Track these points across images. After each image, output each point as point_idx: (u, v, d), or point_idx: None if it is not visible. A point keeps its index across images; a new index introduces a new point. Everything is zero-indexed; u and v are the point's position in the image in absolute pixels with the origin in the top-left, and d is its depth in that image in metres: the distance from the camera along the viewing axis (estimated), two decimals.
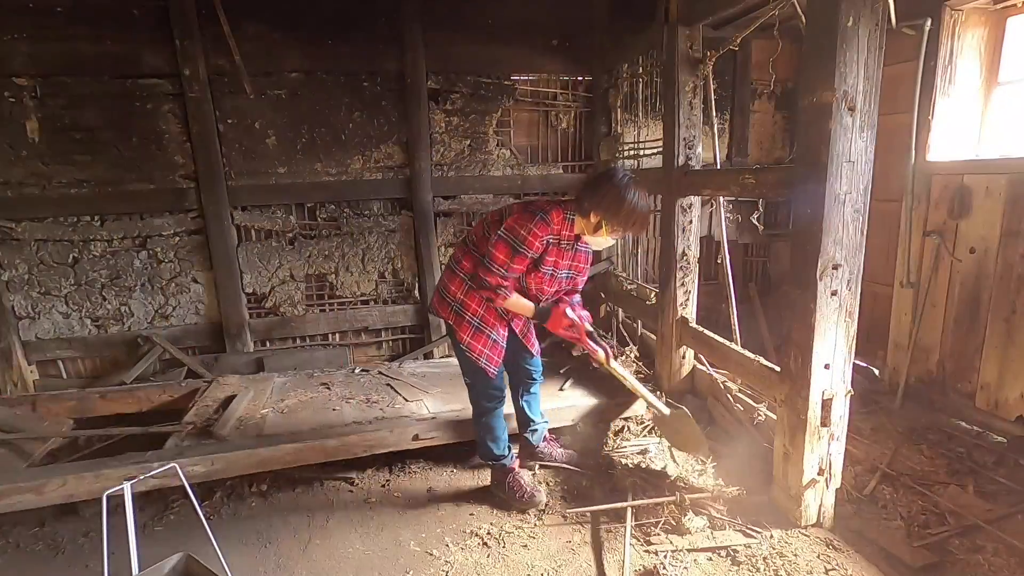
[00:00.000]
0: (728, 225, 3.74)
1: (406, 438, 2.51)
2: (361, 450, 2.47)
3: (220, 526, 2.27)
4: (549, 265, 2.09)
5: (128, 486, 1.66)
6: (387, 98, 3.54)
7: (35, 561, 2.14)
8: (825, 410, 1.96)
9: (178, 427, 2.59)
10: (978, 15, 2.73)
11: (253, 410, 2.78)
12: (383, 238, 3.70)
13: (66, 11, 3.03)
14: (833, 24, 1.69)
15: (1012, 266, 2.55)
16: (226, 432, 2.52)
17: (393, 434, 2.50)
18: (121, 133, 3.21)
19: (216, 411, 2.78)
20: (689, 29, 2.66)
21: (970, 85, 2.81)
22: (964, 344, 2.79)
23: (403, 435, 2.51)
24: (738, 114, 3.98)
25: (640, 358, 3.42)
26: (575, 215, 2.06)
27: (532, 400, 2.53)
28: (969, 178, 2.70)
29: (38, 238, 3.22)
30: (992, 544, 1.95)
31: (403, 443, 2.51)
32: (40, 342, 3.33)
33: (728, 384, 2.78)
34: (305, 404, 2.88)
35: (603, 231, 2.07)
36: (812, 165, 1.84)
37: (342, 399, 2.92)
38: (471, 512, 2.32)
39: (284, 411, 2.79)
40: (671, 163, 2.82)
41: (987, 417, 2.68)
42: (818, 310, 1.88)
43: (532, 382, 2.49)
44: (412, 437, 2.51)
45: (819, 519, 2.06)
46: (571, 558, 2.03)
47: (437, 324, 3.80)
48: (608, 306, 3.98)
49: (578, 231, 2.12)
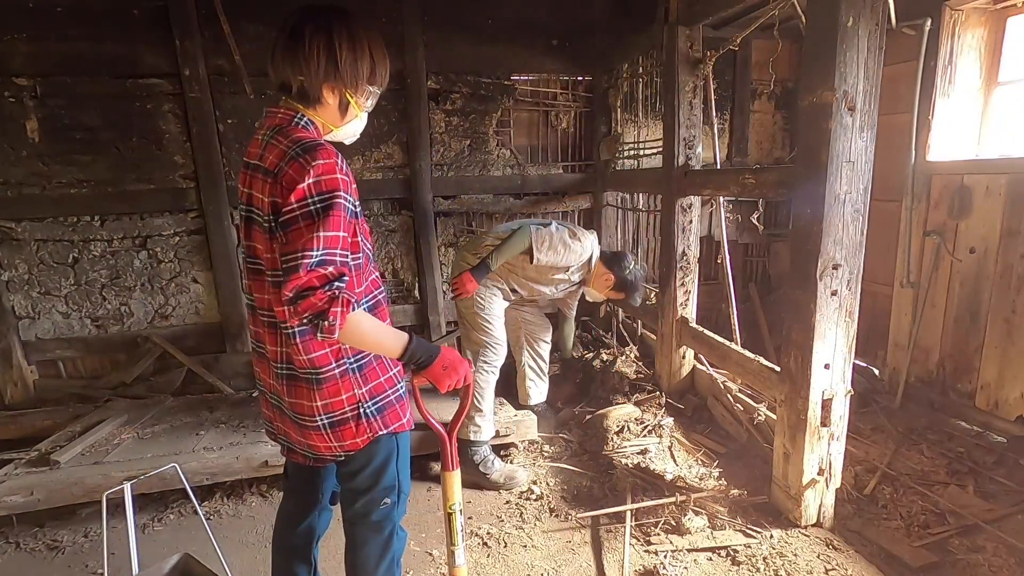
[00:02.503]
0: (728, 225, 3.74)
1: (253, 465, 2.37)
2: (204, 478, 2.34)
3: (220, 526, 2.27)
4: (355, 198, 1.26)
5: (128, 486, 1.66)
6: (387, 98, 3.53)
7: (35, 561, 2.14)
8: (825, 410, 1.96)
9: (20, 455, 2.49)
10: (978, 15, 2.73)
11: (114, 436, 2.65)
12: (383, 238, 3.70)
13: (66, 11, 3.03)
14: (833, 24, 1.69)
15: (1012, 266, 2.55)
16: (65, 459, 2.38)
17: (239, 461, 2.36)
18: (121, 133, 3.22)
19: (75, 436, 2.63)
20: (689, 29, 2.66)
21: (970, 85, 2.81)
22: (964, 344, 2.79)
23: (250, 462, 2.37)
24: (738, 114, 3.98)
25: (640, 358, 3.43)
26: None
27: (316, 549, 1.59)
28: (969, 178, 2.70)
29: (38, 238, 3.22)
30: (992, 544, 1.94)
31: (248, 470, 2.38)
32: (40, 342, 3.33)
33: (728, 384, 2.78)
34: (175, 429, 2.72)
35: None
36: (812, 165, 1.84)
37: (214, 423, 2.75)
38: (471, 512, 2.32)
39: (147, 436, 2.64)
40: (671, 163, 2.82)
41: (987, 417, 2.68)
42: (818, 310, 1.88)
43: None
44: (261, 463, 2.37)
45: (819, 519, 2.06)
46: (571, 558, 2.03)
47: (437, 324, 3.80)
48: (608, 306, 3.98)
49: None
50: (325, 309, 1.10)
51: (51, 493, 2.22)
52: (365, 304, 1.30)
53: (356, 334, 1.18)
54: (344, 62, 1.21)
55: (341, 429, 1.31)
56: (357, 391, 1.30)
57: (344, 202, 1.16)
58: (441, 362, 1.28)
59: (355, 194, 1.24)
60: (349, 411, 1.30)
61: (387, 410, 1.34)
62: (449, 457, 1.34)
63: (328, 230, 1.13)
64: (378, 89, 1.31)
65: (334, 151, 1.18)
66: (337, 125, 1.30)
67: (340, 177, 1.16)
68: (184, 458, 2.32)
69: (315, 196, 1.13)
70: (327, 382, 1.27)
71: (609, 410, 2.88)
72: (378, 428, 1.33)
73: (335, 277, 1.12)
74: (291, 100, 1.26)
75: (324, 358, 1.26)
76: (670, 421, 2.79)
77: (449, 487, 1.34)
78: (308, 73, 1.21)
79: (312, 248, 1.11)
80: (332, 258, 1.14)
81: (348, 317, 1.13)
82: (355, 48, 1.22)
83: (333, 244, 1.14)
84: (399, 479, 1.41)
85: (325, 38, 1.19)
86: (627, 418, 2.81)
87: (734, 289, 2.88)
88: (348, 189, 1.18)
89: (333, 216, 1.14)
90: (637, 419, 2.82)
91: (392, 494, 1.40)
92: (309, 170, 1.13)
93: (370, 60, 1.25)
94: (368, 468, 1.36)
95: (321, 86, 1.23)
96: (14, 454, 2.55)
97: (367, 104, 1.32)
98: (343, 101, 1.26)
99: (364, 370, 1.31)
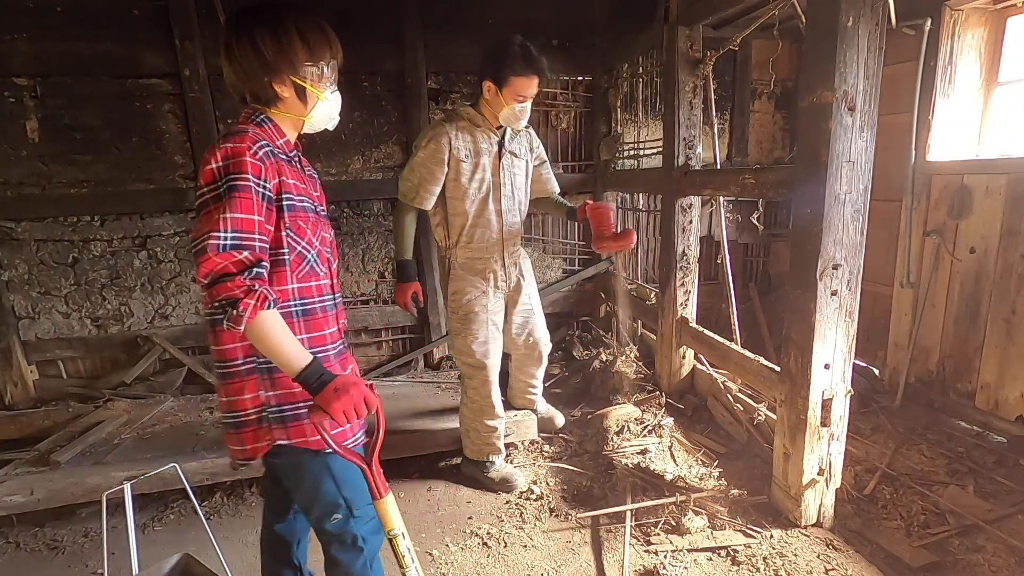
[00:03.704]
0: (728, 225, 3.75)
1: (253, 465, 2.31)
2: (204, 478, 2.31)
3: (220, 526, 2.27)
4: (298, 193, 1.22)
5: (128, 486, 1.66)
6: (387, 98, 3.54)
7: (35, 561, 2.14)
8: (825, 410, 1.96)
9: (20, 455, 2.50)
10: (978, 15, 2.73)
11: (114, 435, 2.66)
12: (383, 238, 3.70)
13: (66, 11, 3.03)
14: (833, 24, 1.69)
15: (1012, 266, 2.55)
16: (65, 459, 2.38)
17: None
18: (121, 133, 3.22)
19: (75, 436, 2.64)
20: (689, 29, 2.66)
21: (970, 85, 2.80)
22: (964, 344, 2.79)
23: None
24: (738, 114, 3.98)
25: (640, 358, 3.43)
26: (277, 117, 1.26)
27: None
28: (969, 178, 2.70)
29: (38, 238, 3.22)
30: (992, 544, 1.95)
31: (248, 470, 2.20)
32: (40, 342, 3.33)
33: (728, 384, 2.78)
34: (175, 429, 2.73)
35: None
36: (812, 165, 1.84)
37: (214, 423, 2.75)
38: (471, 513, 2.32)
39: (147, 436, 2.65)
40: (671, 163, 2.82)
41: (987, 417, 2.68)
42: (818, 310, 1.88)
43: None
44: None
45: (819, 519, 2.06)
46: (571, 558, 2.03)
47: (437, 323, 3.80)
48: (608, 306, 3.98)
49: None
50: (239, 298, 1.06)
51: (51, 493, 2.22)
52: (296, 307, 1.24)
53: (260, 333, 1.10)
54: (272, 53, 1.18)
55: (242, 432, 1.25)
56: (263, 393, 1.23)
57: (254, 186, 1.11)
58: (334, 385, 1.13)
59: (297, 189, 1.22)
60: (253, 413, 1.24)
61: (293, 421, 1.25)
62: (375, 487, 1.24)
63: (237, 212, 1.09)
64: (325, 64, 1.25)
65: (251, 137, 1.15)
66: (305, 114, 1.27)
67: (250, 160, 1.11)
68: (184, 458, 2.31)
69: (223, 178, 1.11)
70: (232, 378, 1.23)
71: (609, 410, 2.88)
72: (278, 437, 1.25)
73: (252, 263, 1.09)
74: (253, 105, 1.25)
75: (233, 352, 1.21)
76: (670, 421, 2.79)
77: (384, 514, 1.26)
78: (246, 77, 1.20)
79: (219, 229, 1.07)
80: (247, 243, 1.09)
81: (259, 313, 1.08)
82: (279, 35, 1.18)
83: (247, 227, 1.10)
84: (342, 497, 1.31)
85: (247, 39, 1.18)
86: (627, 418, 2.81)
87: (734, 289, 2.88)
88: (264, 174, 1.13)
89: (241, 198, 1.09)
90: (637, 419, 2.82)
91: (339, 511, 1.32)
92: (217, 152, 1.12)
93: (300, 41, 1.20)
94: (300, 487, 1.32)
95: (264, 84, 1.21)
96: (14, 454, 2.56)
97: (325, 83, 1.27)
98: (297, 89, 1.23)
99: (275, 373, 1.22)
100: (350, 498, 1.32)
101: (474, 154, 2.22)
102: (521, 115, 2.17)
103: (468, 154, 2.20)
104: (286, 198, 1.19)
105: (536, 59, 2.11)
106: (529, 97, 2.15)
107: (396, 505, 1.28)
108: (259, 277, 1.10)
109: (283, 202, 1.18)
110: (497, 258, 2.35)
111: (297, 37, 1.19)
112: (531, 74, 2.10)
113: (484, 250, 2.31)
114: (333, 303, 1.33)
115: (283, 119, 1.26)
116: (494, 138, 2.26)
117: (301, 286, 1.24)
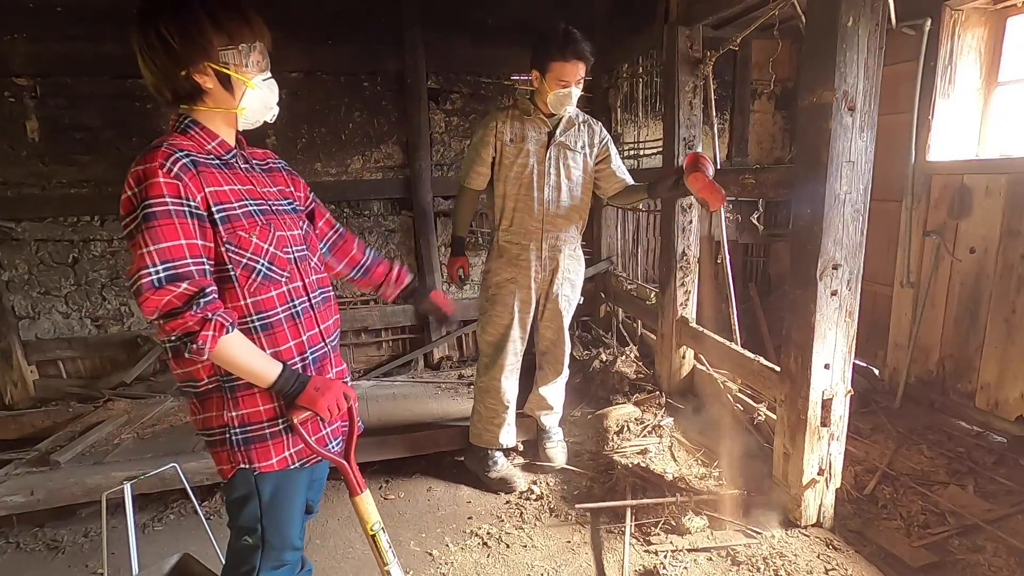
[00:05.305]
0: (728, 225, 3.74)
1: None
2: (204, 478, 2.29)
3: (220, 526, 2.27)
4: (237, 200, 1.14)
5: (128, 486, 1.66)
6: (387, 98, 3.54)
7: (35, 561, 2.14)
8: (825, 410, 1.96)
9: (20, 455, 2.51)
10: (978, 15, 2.73)
11: (114, 435, 2.66)
12: (383, 238, 3.70)
13: (66, 11, 3.03)
14: (833, 24, 1.69)
15: (1012, 266, 2.55)
16: (65, 459, 2.39)
17: None
18: (121, 133, 3.21)
19: (75, 436, 2.65)
20: (689, 29, 2.66)
21: (970, 85, 2.80)
22: (964, 344, 2.78)
23: None
24: (738, 114, 3.99)
25: (640, 358, 3.43)
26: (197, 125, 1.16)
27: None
28: (969, 178, 2.70)
29: (38, 238, 3.22)
30: (992, 544, 1.94)
31: None
32: (40, 342, 3.33)
33: (728, 384, 2.78)
34: (175, 429, 2.73)
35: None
36: (812, 165, 1.83)
37: None
38: (471, 513, 2.32)
39: (147, 436, 2.67)
40: (671, 163, 2.82)
41: (987, 417, 2.68)
42: (818, 310, 1.87)
43: None
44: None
45: (819, 519, 2.06)
46: (571, 558, 2.03)
47: (436, 324, 3.79)
48: (608, 306, 3.98)
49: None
50: (196, 331, 1.01)
51: (51, 493, 2.22)
52: (255, 323, 1.16)
53: (225, 358, 1.08)
54: (180, 40, 1.06)
55: (215, 451, 1.21)
56: (227, 414, 1.17)
57: (173, 208, 1.03)
58: (313, 384, 1.15)
59: (236, 195, 1.13)
60: (218, 433, 1.18)
61: (256, 444, 1.19)
62: (353, 482, 1.25)
63: (160, 241, 1.01)
64: (248, 47, 1.13)
65: (164, 152, 1.05)
66: (234, 106, 1.15)
67: (163, 181, 1.02)
68: (184, 458, 2.30)
69: (138, 205, 1.03)
70: (202, 397, 1.18)
71: (609, 410, 2.88)
72: (240, 460, 1.19)
73: (195, 293, 1.02)
74: (180, 108, 1.16)
75: (197, 372, 1.16)
76: (670, 421, 2.79)
77: (362, 510, 1.26)
78: (163, 75, 1.10)
79: (147, 265, 1.00)
80: (182, 271, 1.03)
81: (220, 340, 1.04)
82: (184, 20, 1.06)
83: (176, 255, 1.02)
84: (261, 525, 1.23)
85: (153, 32, 1.07)
86: (627, 418, 2.81)
87: (734, 289, 2.87)
88: (183, 191, 1.04)
89: (160, 226, 1.01)
90: (637, 419, 2.82)
91: (252, 536, 1.24)
92: (130, 177, 1.04)
93: (209, 22, 1.08)
94: (229, 500, 1.26)
95: (182, 79, 1.10)
96: (14, 454, 2.56)
97: (253, 69, 1.15)
98: (221, 78, 1.11)
99: (237, 392, 1.16)
100: (267, 529, 1.24)
101: (519, 139, 2.28)
102: (566, 100, 2.16)
103: (512, 138, 2.28)
104: (218, 209, 1.09)
105: (576, 43, 2.09)
106: (572, 82, 2.14)
107: (373, 501, 1.30)
108: (211, 304, 1.04)
109: (215, 215, 1.08)
110: (534, 247, 2.34)
111: (205, 18, 1.08)
112: (571, 59, 2.10)
113: (523, 235, 2.33)
114: (308, 305, 1.24)
115: (212, 117, 1.16)
116: (544, 128, 2.29)
117: (256, 300, 1.15)
